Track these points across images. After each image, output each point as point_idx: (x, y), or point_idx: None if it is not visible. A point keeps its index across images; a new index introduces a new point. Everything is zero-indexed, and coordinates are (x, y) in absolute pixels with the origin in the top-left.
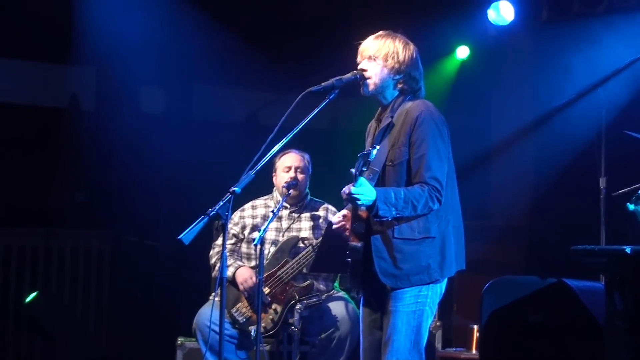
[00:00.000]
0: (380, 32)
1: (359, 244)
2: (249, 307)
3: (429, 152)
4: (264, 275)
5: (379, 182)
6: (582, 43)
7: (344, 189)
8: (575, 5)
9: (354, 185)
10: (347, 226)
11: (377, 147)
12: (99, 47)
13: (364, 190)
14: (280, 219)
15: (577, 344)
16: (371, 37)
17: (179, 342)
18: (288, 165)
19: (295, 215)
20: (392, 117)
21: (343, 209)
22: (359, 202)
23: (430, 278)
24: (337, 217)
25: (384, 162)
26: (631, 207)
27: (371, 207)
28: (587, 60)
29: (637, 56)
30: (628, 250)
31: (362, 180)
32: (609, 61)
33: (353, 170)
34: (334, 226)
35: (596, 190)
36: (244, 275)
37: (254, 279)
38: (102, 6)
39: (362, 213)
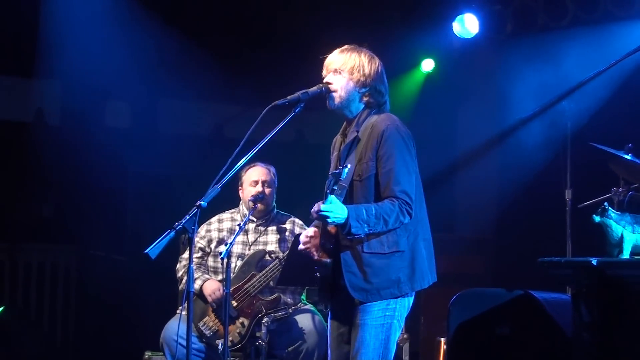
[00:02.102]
0: (346, 46)
1: (328, 260)
2: (216, 321)
3: (396, 166)
4: (231, 289)
5: (347, 197)
6: (546, 56)
7: (313, 207)
8: (540, 19)
9: (323, 203)
10: (313, 249)
11: (349, 165)
12: (64, 62)
13: (334, 208)
14: (246, 232)
15: (544, 356)
16: (337, 51)
17: (146, 356)
18: (254, 178)
19: (261, 228)
20: (357, 131)
21: (311, 224)
22: (329, 220)
23: (401, 291)
24: (303, 237)
25: (351, 177)
26: (597, 218)
27: (343, 225)
28: (552, 72)
29: (601, 68)
30: (594, 262)
31: (332, 198)
32: (573, 73)
33: (327, 193)
34: (299, 247)
35: (562, 202)
36: (211, 288)
37: (221, 291)
38: (68, 21)
39: (331, 229)
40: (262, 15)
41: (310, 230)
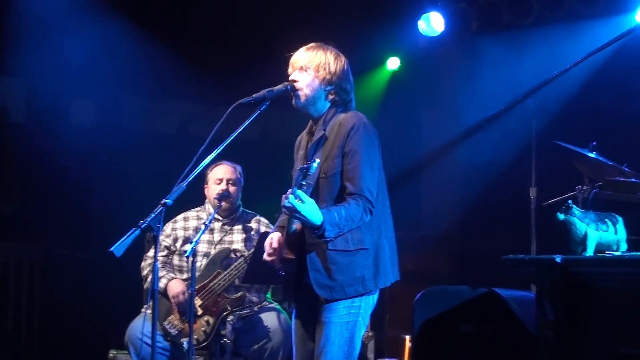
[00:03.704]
0: (312, 44)
1: (293, 257)
2: (181, 319)
3: (362, 163)
4: (196, 287)
5: (313, 194)
6: (511, 54)
7: (284, 197)
8: (505, 17)
9: (292, 194)
10: (277, 260)
11: (317, 160)
12: (28, 59)
13: (309, 212)
14: (212, 231)
15: (508, 353)
16: (302, 49)
17: (111, 354)
18: (219, 177)
19: (227, 227)
20: (324, 129)
21: (276, 223)
22: (299, 217)
23: (365, 289)
24: (268, 247)
25: (317, 175)
26: (561, 216)
27: (316, 228)
28: (516, 70)
29: (566, 66)
30: (558, 259)
31: (308, 199)
32: (538, 71)
33: (294, 188)
34: (264, 257)
35: (527, 200)
36: (176, 288)
37: (185, 295)
38: (32, 18)
39: (297, 226)
40: (228, 13)
41: (275, 239)
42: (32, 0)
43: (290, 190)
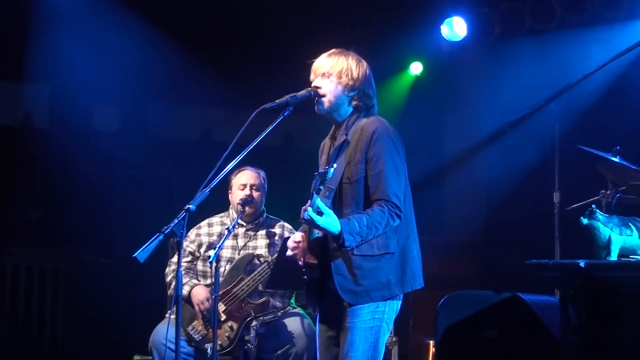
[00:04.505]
0: (334, 50)
1: (315, 262)
2: (204, 325)
3: (386, 168)
4: (220, 293)
5: (335, 199)
6: (534, 58)
7: (302, 211)
8: (528, 21)
9: (310, 204)
10: (300, 254)
11: (334, 165)
12: (52, 65)
13: (327, 224)
14: (236, 237)
15: (531, 358)
16: (324, 55)
17: (135, 359)
18: (243, 182)
19: (251, 233)
20: (346, 134)
21: (299, 228)
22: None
23: (391, 293)
24: (291, 242)
25: (340, 179)
26: (585, 221)
27: (336, 237)
28: (539, 74)
29: (589, 70)
30: (582, 264)
31: (327, 210)
32: (561, 76)
33: (313, 193)
34: (287, 253)
35: (550, 204)
36: (200, 295)
37: (209, 299)
38: (57, 24)
39: (319, 232)
40: (251, 19)
41: (298, 235)
42: (55, 7)
43: (309, 201)
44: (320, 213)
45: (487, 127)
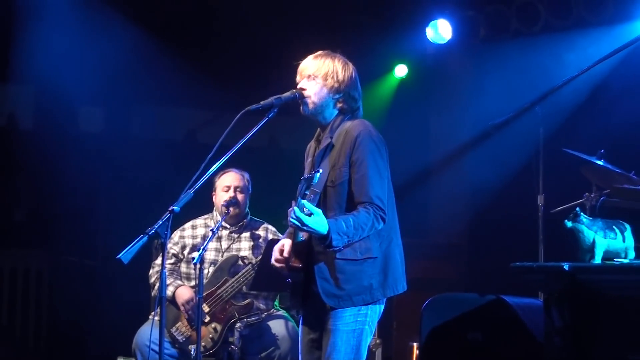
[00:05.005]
0: (320, 52)
1: (300, 265)
2: (188, 326)
3: (369, 172)
4: (204, 294)
5: (320, 202)
6: (519, 61)
7: (289, 212)
8: (513, 24)
9: (297, 205)
10: (285, 268)
11: (320, 170)
12: (37, 66)
13: (315, 223)
14: (219, 239)
15: None
16: (310, 57)
17: None
18: (227, 184)
19: (235, 235)
20: (331, 137)
21: (285, 232)
22: (304, 228)
23: (373, 298)
24: (277, 254)
25: (324, 183)
26: (569, 224)
27: (323, 238)
28: (524, 78)
29: (573, 74)
30: (566, 267)
31: (314, 210)
32: (546, 79)
33: (299, 198)
34: (272, 262)
35: (534, 207)
36: (184, 295)
37: (193, 300)
38: (41, 25)
39: (304, 235)
40: (236, 21)
41: (287, 248)
42: (40, 8)
43: (294, 203)
44: (309, 214)
45: (471, 130)
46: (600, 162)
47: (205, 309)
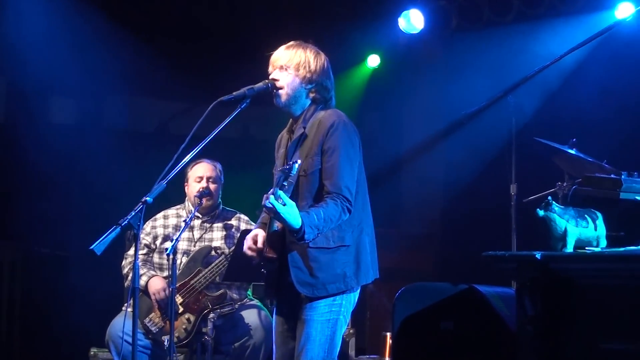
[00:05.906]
0: (292, 42)
1: (274, 256)
2: (161, 317)
3: (340, 161)
4: (177, 285)
5: (293, 192)
6: (491, 51)
7: (264, 198)
8: (485, 14)
9: (273, 194)
10: (257, 258)
11: (299, 161)
12: (8, 58)
13: (289, 215)
14: (192, 229)
15: (488, 350)
16: (282, 47)
17: (91, 352)
18: (200, 175)
19: (207, 225)
20: (304, 127)
21: (257, 221)
22: (278, 218)
23: (347, 286)
24: (250, 242)
25: (297, 172)
26: (541, 213)
27: (296, 231)
28: (496, 67)
29: (545, 63)
30: (538, 255)
31: (289, 202)
32: (518, 68)
33: (276, 188)
34: (244, 249)
35: (507, 196)
36: (157, 285)
37: (166, 292)
38: (12, 17)
39: (278, 225)
40: (208, 11)
41: (260, 239)
42: None
43: (271, 190)
44: (284, 205)
45: (444, 119)
46: (572, 151)
47: (179, 299)
